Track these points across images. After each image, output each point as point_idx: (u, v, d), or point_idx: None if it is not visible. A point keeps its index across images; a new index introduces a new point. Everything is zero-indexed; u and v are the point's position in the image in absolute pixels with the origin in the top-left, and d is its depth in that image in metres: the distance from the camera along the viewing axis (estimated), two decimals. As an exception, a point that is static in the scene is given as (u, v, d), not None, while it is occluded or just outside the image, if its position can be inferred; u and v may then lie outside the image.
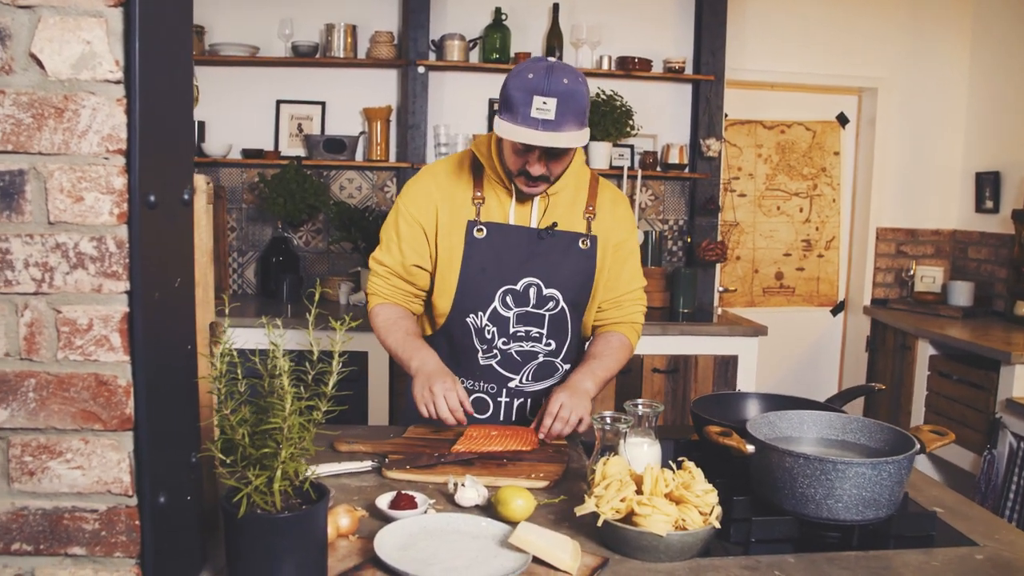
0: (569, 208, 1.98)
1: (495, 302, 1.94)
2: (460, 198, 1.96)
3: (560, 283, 1.95)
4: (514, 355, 1.98)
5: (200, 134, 4.01)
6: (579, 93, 1.75)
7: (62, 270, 0.96)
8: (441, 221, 1.95)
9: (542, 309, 1.96)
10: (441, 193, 1.96)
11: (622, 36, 4.18)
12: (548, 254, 1.95)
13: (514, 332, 1.96)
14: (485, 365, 1.99)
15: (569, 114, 1.73)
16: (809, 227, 4.59)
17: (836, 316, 4.69)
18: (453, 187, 1.97)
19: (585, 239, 1.97)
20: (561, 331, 1.99)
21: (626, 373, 3.66)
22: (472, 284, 1.94)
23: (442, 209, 1.95)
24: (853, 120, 4.57)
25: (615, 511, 1.32)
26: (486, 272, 1.94)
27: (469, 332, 1.97)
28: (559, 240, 1.96)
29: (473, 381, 2.01)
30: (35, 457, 0.99)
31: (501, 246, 1.94)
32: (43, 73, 0.94)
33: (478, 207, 1.95)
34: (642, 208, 4.25)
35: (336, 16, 4.00)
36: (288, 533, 1.11)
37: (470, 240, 1.94)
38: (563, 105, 1.71)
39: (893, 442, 1.52)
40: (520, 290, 1.95)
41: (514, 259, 1.94)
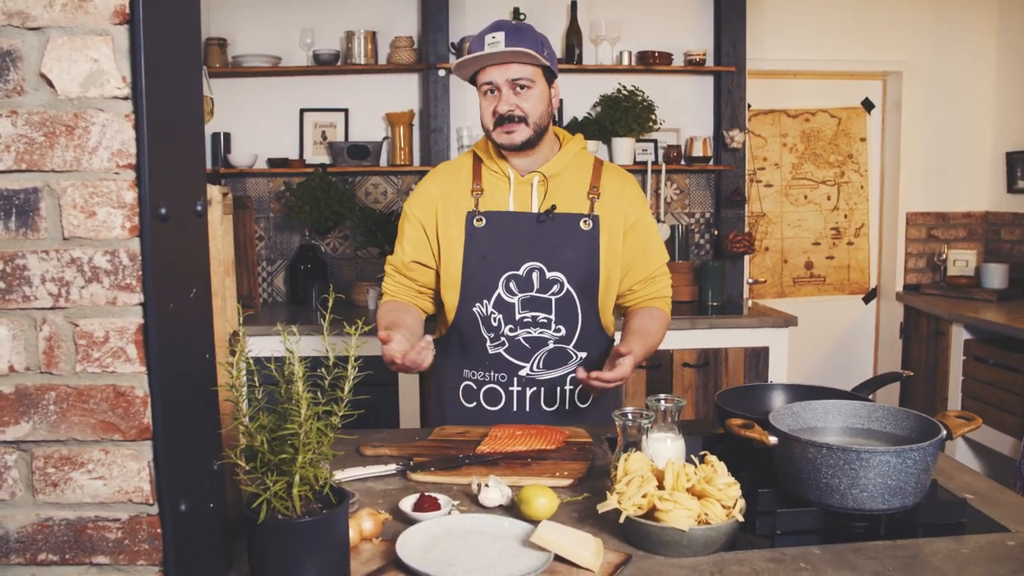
0: (570, 191, 2.01)
1: (499, 288, 1.98)
2: (459, 192, 2.03)
3: (563, 266, 1.97)
4: (522, 342, 1.99)
5: (226, 145, 4.06)
6: (529, 28, 1.90)
7: (78, 284, 0.98)
8: (441, 216, 2.02)
9: (547, 293, 1.98)
10: (440, 190, 2.04)
11: (641, 31, 4.16)
12: (549, 237, 1.97)
13: (520, 318, 1.98)
14: (494, 354, 2.01)
15: (520, 42, 1.86)
16: (838, 215, 4.53)
17: (868, 304, 4.62)
18: (452, 182, 2.05)
19: (587, 219, 1.99)
20: (570, 316, 1.99)
21: (656, 367, 3.65)
22: (474, 272, 1.99)
23: (441, 204, 2.02)
24: (879, 105, 4.51)
25: (637, 507, 1.32)
26: (487, 259, 1.98)
27: (476, 322, 2.00)
28: (560, 222, 1.98)
29: (484, 372, 2.03)
30: (58, 468, 1.01)
31: (501, 233, 1.98)
32: (53, 92, 0.96)
33: (477, 198, 2.01)
34: (667, 202, 4.23)
35: (356, 23, 4.03)
36: (308, 538, 1.12)
37: (470, 230, 1.99)
38: (512, 35, 1.86)
39: (919, 429, 1.50)
40: (523, 275, 1.97)
41: (515, 245, 1.98)
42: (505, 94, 1.90)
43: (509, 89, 1.89)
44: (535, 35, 1.90)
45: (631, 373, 1.89)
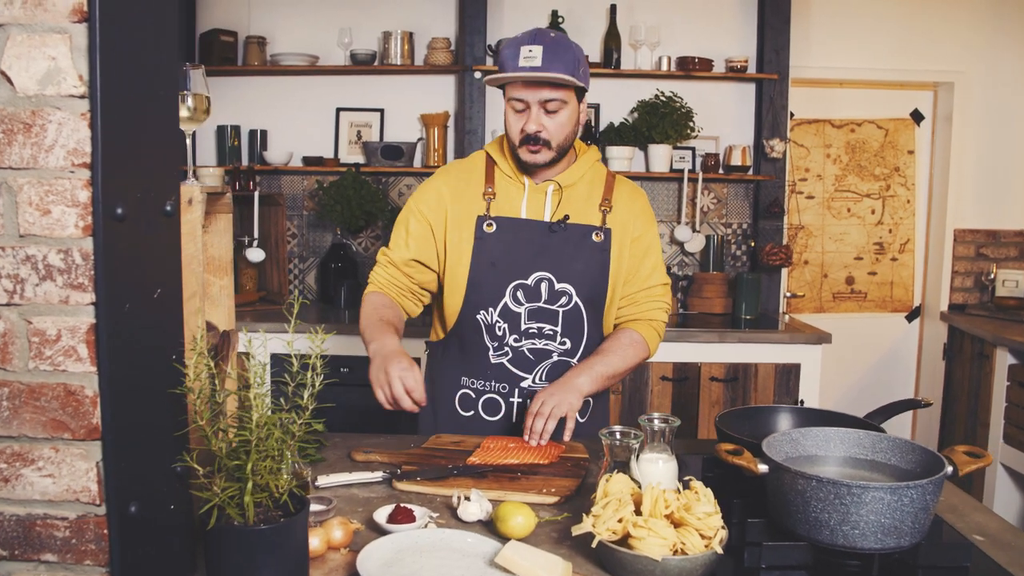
0: (584, 202, 1.97)
1: (506, 297, 1.93)
2: (471, 194, 1.97)
3: (572, 278, 1.92)
4: (526, 353, 1.94)
5: (262, 142, 4.10)
6: (565, 43, 1.82)
7: (32, 282, 0.98)
8: (450, 217, 1.96)
9: (555, 305, 1.93)
10: (451, 190, 1.98)
11: (682, 36, 4.09)
12: (560, 247, 1.93)
13: (526, 329, 1.93)
14: (496, 364, 1.96)
15: (556, 61, 1.79)
16: (882, 229, 4.38)
17: (911, 322, 4.46)
18: (464, 184, 1.99)
19: (599, 232, 1.94)
20: (576, 329, 1.95)
21: (683, 381, 3.57)
22: (482, 279, 1.93)
23: (452, 206, 1.97)
24: (928, 117, 4.34)
25: (611, 532, 1.27)
26: (496, 267, 1.92)
27: (480, 330, 1.96)
28: (571, 233, 1.94)
29: (484, 381, 1.98)
30: (9, 464, 1.01)
31: (511, 240, 1.93)
32: (12, 89, 0.96)
33: (488, 202, 1.95)
34: (704, 212, 4.14)
35: (393, 24, 4.04)
36: (263, 546, 1.10)
37: (480, 234, 1.94)
38: (549, 52, 1.79)
39: (925, 463, 1.42)
40: (531, 285, 1.92)
41: (524, 253, 1.92)
42: (534, 114, 1.85)
43: (539, 109, 1.85)
44: (572, 52, 1.83)
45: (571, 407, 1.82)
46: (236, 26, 4.04)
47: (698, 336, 3.56)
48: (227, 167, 3.94)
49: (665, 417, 1.53)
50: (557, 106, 1.84)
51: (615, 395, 3.57)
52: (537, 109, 1.85)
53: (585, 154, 2.02)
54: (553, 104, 1.84)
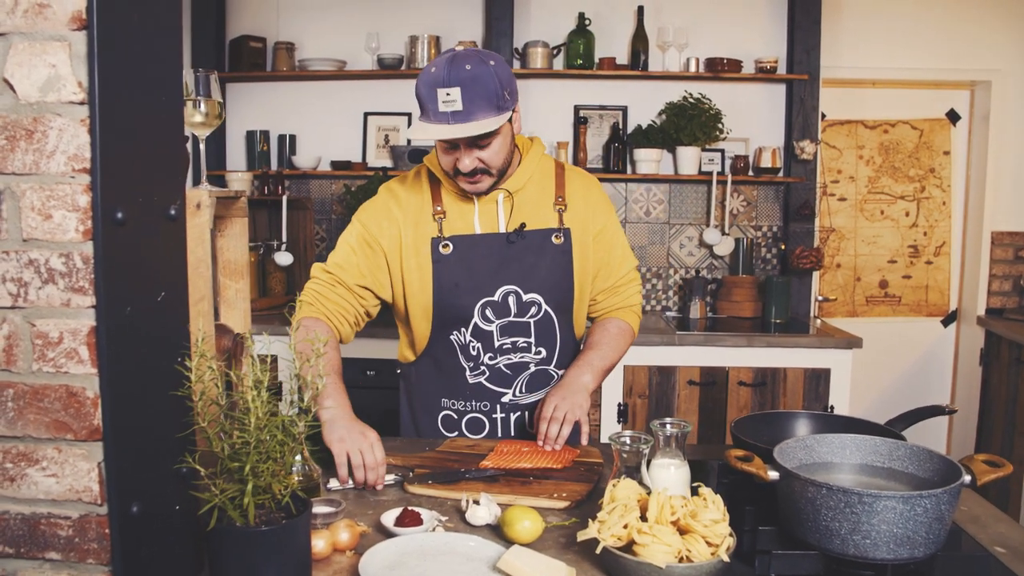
0: (537, 204, 1.90)
1: (475, 317, 1.87)
2: (421, 216, 1.89)
3: (539, 286, 1.88)
4: (503, 369, 1.91)
5: (291, 147, 4.15)
6: (485, 76, 1.68)
7: (35, 285, 1.00)
8: (405, 243, 1.87)
9: (525, 317, 1.89)
10: (402, 213, 1.89)
11: (710, 37, 4.05)
12: (522, 257, 1.87)
13: (500, 345, 1.89)
14: (474, 383, 1.92)
15: (478, 99, 1.67)
16: (916, 232, 4.29)
17: (947, 327, 4.36)
18: (413, 205, 1.90)
19: (558, 233, 1.90)
20: (549, 337, 1.92)
21: (711, 385, 3.53)
22: (447, 302, 1.86)
23: (405, 230, 1.88)
24: (965, 117, 4.24)
25: (616, 538, 1.26)
26: (460, 287, 1.86)
27: (454, 351, 1.91)
28: (531, 240, 1.88)
29: (464, 401, 1.94)
30: (15, 464, 1.03)
31: (471, 258, 1.86)
32: (15, 96, 0.97)
33: (440, 222, 1.88)
34: (733, 214, 4.10)
35: (420, 28, 4.06)
36: (263, 547, 1.11)
37: (437, 257, 1.86)
38: (468, 92, 1.66)
39: (943, 472, 1.38)
40: (499, 300, 1.87)
41: (486, 269, 1.86)
42: (465, 152, 1.74)
43: (469, 148, 1.74)
44: (494, 80, 1.69)
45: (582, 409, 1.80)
46: (265, 32, 4.10)
47: (725, 340, 3.52)
48: (256, 172, 3.99)
49: (677, 422, 1.52)
50: (488, 140, 1.74)
51: (642, 400, 3.54)
52: (467, 149, 1.75)
53: (530, 152, 1.92)
54: (484, 140, 1.74)
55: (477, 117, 1.68)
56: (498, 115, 1.71)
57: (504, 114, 1.72)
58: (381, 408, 3.56)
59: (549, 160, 1.98)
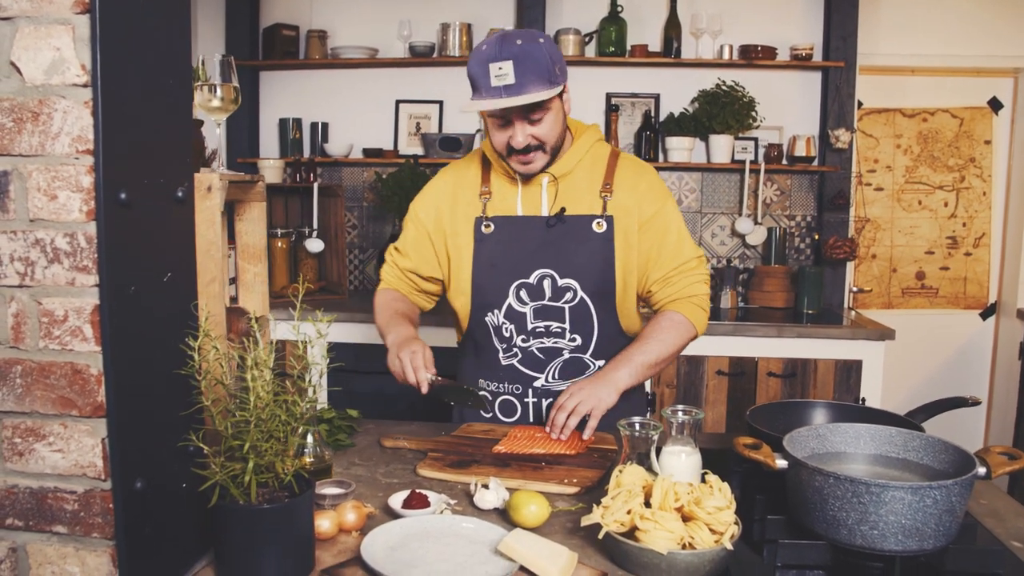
0: (582, 190, 1.89)
1: (509, 298, 1.89)
2: (467, 196, 1.94)
3: (575, 272, 1.86)
4: (536, 352, 1.91)
5: (323, 135, 4.19)
6: (536, 51, 1.71)
7: (41, 264, 1.02)
8: (447, 223, 1.94)
9: (560, 302, 1.88)
10: (448, 194, 1.96)
11: (744, 24, 3.98)
12: (560, 242, 1.87)
13: (533, 328, 1.90)
14: (507, 365, 1.94)
15: (529, 73, 1.69)
16: (955, 223, 4.19)
17: (986, 320, 4.26)
18: (460, 186, 1.96)
19: (600, 220, 1.86)
20: (585, 324, 1.89)
21: (739, 375, 3.49)
22: (484, 281, 1.91)
23: (448, 210, 1.95)
24: (1008, 105, 4.12)
25: (619, 523, 1.25)
26: (496, 267, 1.89)
27: (488, 332, 1.94)
28: (571, 226, 1.87)
29: (497, 383, 1.96)
30: (23, 439, 1.06)
31: (510, 239, 1.89)
32: (21, 79, 1.00)
33: (485, 203, 1.92)
34: (766, 203, 4.04)
35: (452, 16, 4.05)
36: (264, 525, 1.13)
37: (478, 236, 1.91)
38: (520, 65, 1.69)
39: (958, 464, 1.35)
40: (534, 283, 1.88)
41: (524, 251, 1.88)
42: (518, 127, 1.77)
43: (522, 122, 1.76)
44: (544, 55, 1.72)
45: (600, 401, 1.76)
46: (298, 20, 4.13)
47: (755, 330, 3.47)
48: (288, 159, 4.03)
49: (688, 409, 1.50)
50: (541, 114, 1.77)
51: (670, 389, 3.52)
52: (520, 123, 1.77)
53: (582, 137, 1.92)
54: (536, 114, 1.76)
55: (529, 90, 1.71)
56: (550, 88, 1.73)
57: (555, 88, 1.74)
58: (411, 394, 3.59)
59: (604, 147, 1.95)
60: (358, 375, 3.56)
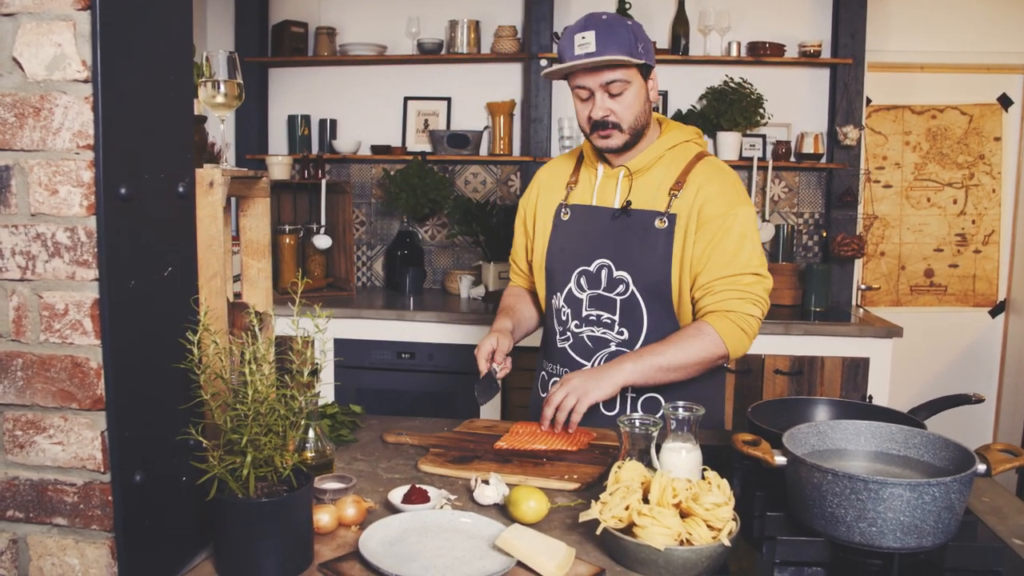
0: (655, 187, 1.89)
1: (571, 283, 1.96)
2: (557, 185, 2.06)
3: (630, 265, 1.87)
4: (586, 340, 1.94)
5: (332, 131, 4.20)
6: (619, 25, 1.80)
7: (42, 258, 1.03)
8: (539, 208, 2.07)
9: (612, 293, 1.90)
10: (545, 182, 2.09)
11: (752, 20, 3.97)
12: (622, 235, 1.89)
13: (586, 315, 1.94)
14: (561, 348, 1.99)
15: (611, 44, 1.77)
16: (964, 220, 4.16)
17: (995, 318, 4.23)
18: (554, 176, 2.08)
19: (663, 217, 1.86)
20: (635, 319, 1.88)
21: (746, 373, 3.48)
22: (554, 264, 2.00)
23: (541, 198, 2.07)
24: (1018, 101, 4.09)
25: (617, 519, 1.26)
26: (565, 252, 1.97)
27: (552, 314, 2.02)
28: (635, 220, 1.89)
29: (554, 365, 2.03)
30: (24, 431, 1.07)
31: (580, 227, 1.97)
32: (23, 75, 1.01)
33: (569, 191, 2.02)
34: (774, 201, 4.03)
35: (460, 13, 4.06)
36: (262, 519, 1.13)
37: (557, 222, 2.01)
38: (602, 35, 1.77)
39: (958, 461, 1.35)
40: (593, 271, 1.92)
41: (590, 240, 1.93)
42: (599, 99, 1.82)
43: (602, 93, 1.82)
44: (627, 31, 1.79)
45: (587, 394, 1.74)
46: (307, 17, 4.14)
47: (762, 328, 3.42)
48: (297, 156, 4.04)
49: (689, 406, 1.50)
50: (620, 87, 1.81)
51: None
52: (601, 94, 1.82)
53: (667, 135, 1.93)
54: (616, 86, 1.80)
55: (609, 54, 1.77)
56: (630, 56, 1.78)
57: (636, 58, 1.79)
58: (417, 390, 3.60)
59: (693, 148, 1.94)
60: (364, 371, 3.58)
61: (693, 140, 1.96)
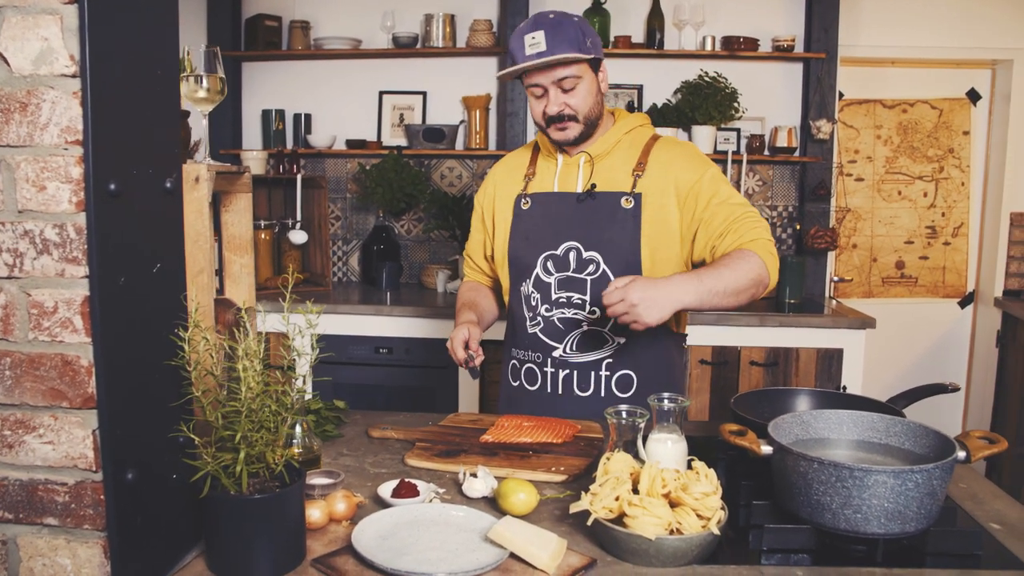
0: (617, 170, 1.97)
1: (537, 268, 1.99)
2: (514, 178, 2.09)
3: (600, 246, 1.93)
4: (556, 323, 1.98)
5: (306, 126, 4.17)
6: (567, 23, 1.84)
7: (30, 256, 1.02)
8: (497, 201, 2.11)
9: (583, 274, 1.94)
10: (501, 176, 2.13)
11: (727, 15, 4.00)
12: (589, 217, 1.95)
13: (556, 298, 1.97)
14: (531, 334, 2.02)
15: (561, 42, 1.81)
16: (934, 213, 4.24)
17: (964, 309, 4.32)
18: (510, 170, 2.12)
19: (628, 197, 1.93)
20: None
21: (722, 364, 3.52)
22: (518, 253, 2.03)
23: (498, 192, 2.11)
24: (985, 96, 4.17)
25: (608, 510, 1.27)
26: (529, 239, 2.01)
27: (520, 301, 2.04)
28: (601, 202, 1.95)
29: (524, 351, 2.06)
30: (13, 431, 1.06)
31: (543, 213, 2.01)
32: (9, 69, 0.99)
33: (527, 181, 2.06)
34: (749, 194, 4.07)
35: (435, 6, 4.04)
36: (256, 515, 1.13)
37: (517, 211, 2.05)
38: (551, 34, 1.82)
39: (938, 448, 1.38)
40: (560, 255, 1.96)
41: (555, 225, 1.98)
42: (553, 95, 1.88)
43: (556, 89, 1.88)
44: (575, 28, 1.85)
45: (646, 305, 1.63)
46: (280, 11, 4.11)
47: (738, 319, 3.50)
48: (271, 150, 4.01)
49: (675, 397, 1.52)
50: (572, 83, 1.87)
51: (652, 379, 3.54)
52: (555, 90, 1.88)
53: (622, 121, 2.00)
54: (568, 82, 1.86)
55: (560, 52, 1.82)
56: (580, 53, 1.83)
57: (585, 54, 1.84)
58: (395, 385, 3.59)
59: (647, 131, 2.03)
60: (342, 366, 3.56)
61: (645, 124, 2.05)
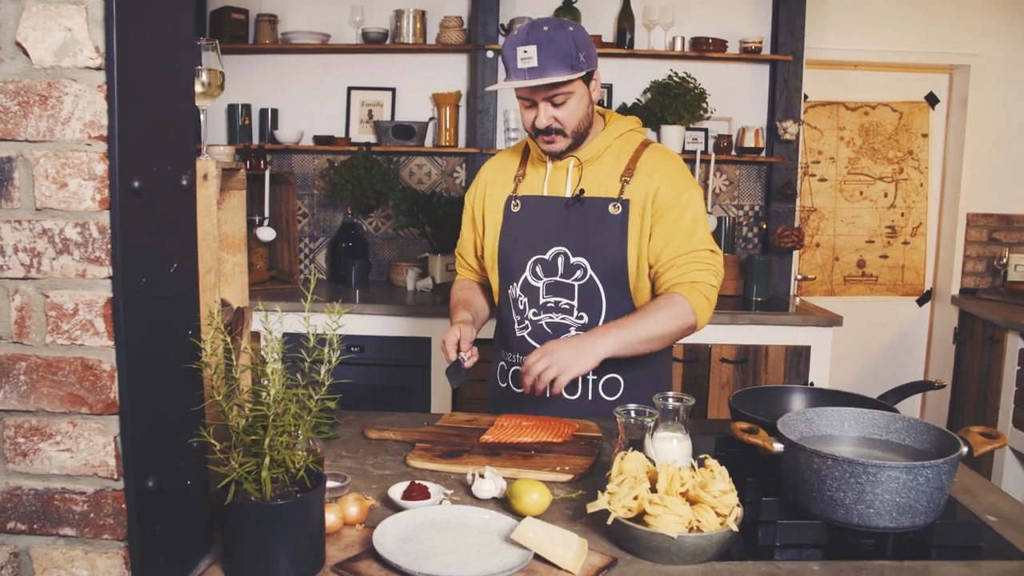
0: (605, 175, 1.96)
1: (526, 272, 1.98)
2: (504, 179, 2.08)
3: (587, 251, 1.93)
4: (544, 327, 1.98)
5: (273, 121, 4.09)
6: (560, 37, 1.80)
7: (49, 255, 0.98)
8: (487, 202, 2.08)
9: (570, 279, 1.95)
10: (491, 177, 2.11)
11: (696, 16, 4.04)
12: (577, 222, 1.94)
13: (544, 303, 1.97)
14: (519, 337, 2.02)
15: (552, 58, 1.79)
16: (894, 213, 4.35)
17: (922, 306, 4.44)
18: (500, 171, 2.11)
19: (616, 203, 1.92)
20: (594, 304, 1.94)
21: (693, 362, 3.56)
22: (507, 255, 2.02)
23: (488, 193, 2.09)
24: (944, 100, 4.30)
25: (627, 509, 1.27)
26: (518, 243, 2.00)
27: (509, 304, 2.04)
28: (589, 208, 1.94)
29: (511, 354, 2.05)
30: (27, 439, 1.01)
31: (532, 217, 1.99)
32: (28, 61, 0.95)
33: (518, 183, 2.05)
34: (716, 193, 4.12)
35: (406, 2, 4.00)
36: (278, 521, 1.11)
37: (507, 214, 2.03)
38: (544, 50, 1.79)
39: (940, 444, 1.41)
40: (549, 259, 1.96)
41: (544, 229, 1.97)
42: (542, 109, 1.86)
43: (546, 104, 1.86)
44: (569, 41, 1.81)
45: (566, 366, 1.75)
46: (247, 4, 4.02)
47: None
48: (238, 146, 3.92)
49: (679, 396, 1.53)
50: (563, 98, 1.85)
51: (625, 376, 3.56)
52: (544, 104, 1.86)
53: (612, 125, 1.99)
54: (559, 97, 1.85)
55: (550, 73, 1.80)
56: (570, 73, 1.81)
57: (576, 73, 1.82)
58: (369, 383, 3.55)
59: (637, 136, 2.01)
60: (314, 366, 3.50)
61: (636, 129, 2.03)
